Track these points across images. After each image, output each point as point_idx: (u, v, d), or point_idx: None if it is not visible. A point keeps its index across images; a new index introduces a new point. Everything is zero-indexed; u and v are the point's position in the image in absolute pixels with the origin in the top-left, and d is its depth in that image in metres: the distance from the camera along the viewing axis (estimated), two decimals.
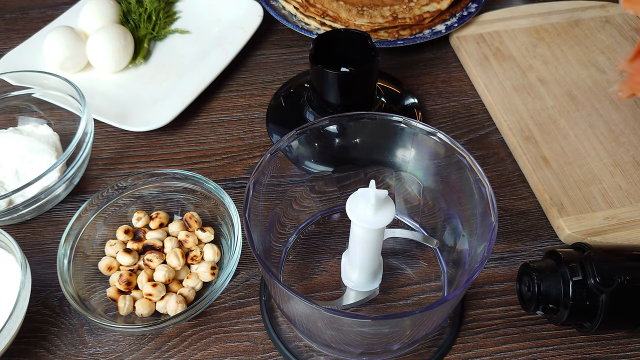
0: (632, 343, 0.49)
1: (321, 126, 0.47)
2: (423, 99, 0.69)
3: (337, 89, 0.59)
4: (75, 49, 0.69)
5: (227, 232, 0.54)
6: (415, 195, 0.52)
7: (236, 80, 0.72)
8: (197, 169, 0.62)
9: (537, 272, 0.46)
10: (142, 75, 0.71)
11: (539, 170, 0.59)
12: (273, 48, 0.76)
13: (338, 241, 0.55)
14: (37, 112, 0.64)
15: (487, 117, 0.66)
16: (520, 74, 0.68)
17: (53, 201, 0.58)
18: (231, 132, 0.66)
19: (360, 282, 0.47)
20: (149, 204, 0.57)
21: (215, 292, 0.48)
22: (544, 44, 0.72)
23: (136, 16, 0.75)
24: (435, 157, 0.47)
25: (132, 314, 0.50)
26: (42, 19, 0.80)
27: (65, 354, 0.49)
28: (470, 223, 0.45)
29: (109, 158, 0.64)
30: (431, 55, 0.74)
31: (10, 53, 0.71)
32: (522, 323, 0.50)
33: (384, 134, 0.48)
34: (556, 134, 0.62)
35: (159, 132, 0.65)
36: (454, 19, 0.74)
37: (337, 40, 0.60)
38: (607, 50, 0.71)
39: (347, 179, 0.54)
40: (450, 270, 0.50)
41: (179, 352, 0.49)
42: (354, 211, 0.40)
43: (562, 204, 0.56)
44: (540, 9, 0.76)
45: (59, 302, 0.52)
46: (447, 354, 0.49)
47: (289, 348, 0.48)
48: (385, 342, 0.43)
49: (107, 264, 0.52)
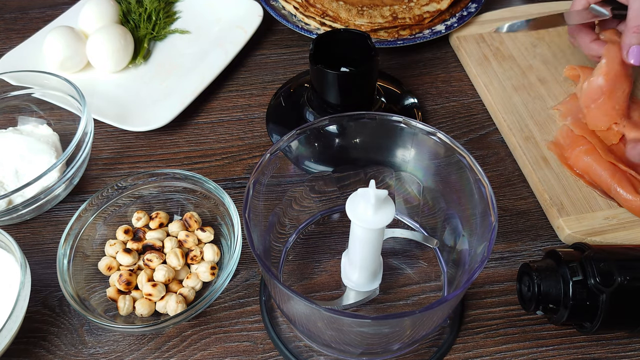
0: (632, 343, 0.49)
1: (321, 126, 0.47)
2: (423, 99, 0.69)
3: (337, 89, 0.59)
4: (75, 49, 0.69)
5: (227, 232, 0.54)
6: (415, 195, 0.52)
7: (236, 80, 0.72)
8: (197, 169, 0.62)
9: (537, 272, 0.46)
10: (142, 75, 0.71)
11: (539, 170, 0.59)
12: (273, 48, 0.76)
13: (338, 241, 0.55)
14: (37, 112, 0.64)
15: (487, 117, 0.66)
16: (520, 74, 0.68)
17: (53, 201, 0.58)
18: (231, 132, 0.66)
19: (360, 282, 0.47)
20: (149, 204, 0.57)
21: (215, 292, 0.48)
22: (544, 44, 0.72)
23: (136, 16, 0.75)
24: (435, 157, 0.47)
25: (132, 314, 0.50)
26: (42, 19, 0.80)
27: (65, 354, 0.49)
28: (470, 223, 0.45)
29: (108, 158, 0.64)
30: (431, 55, 0.74)
31: (10, 53, 0.71)
32: (522, 323, 0.50)
33: (384, 134, 0.48)
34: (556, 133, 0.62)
35: (159, 132, 0.65)
36: (454, 19, 0.74)
37: (337, 40, 0.60)
38: None
39: (347, 179, 0.54)
40: (450, 270, 0.50)
41: (179, 352, 0.49)
42: (354, 211, 0.40)
43: (562, 204, 0.56)
44: (540, 9, 0.76)
45: (58, 302, 0.52)
46: (447, 354, 0.49)
47: (289, 348, 0.48)
48: (385, 342, 0.43)
49: (107, 264, 0.52)
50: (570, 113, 0.62)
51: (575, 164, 0.58)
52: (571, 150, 0.59)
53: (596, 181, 0.57)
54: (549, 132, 0.62)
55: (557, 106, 0.63)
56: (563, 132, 0.61)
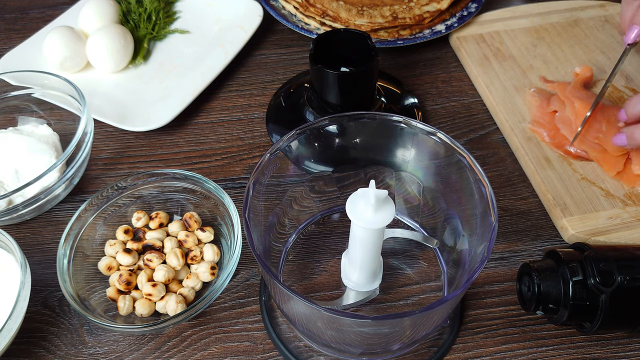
0: (632, 343, 0.49)
1: (321, 126, 0.47)
2: (423, 99, 0.69)
3: (337, 89, 0.59)
4: (75, 49, 0.69)
5: (227, 232, 0.54)
6: (415, 195, 0.52)
7: (236, 80, 0.72)
8: (197, 169, 0.62)
9: (537, 272, 0.46)
10: (142, 75, 0.71)
11: (542, 170, 0.58)
12: (273, 48, 0.76)
13: (338, 241, 0.55)
14: (37, 112, 0.64)
15: (487, 117, 0.66)
16: (520, 74, 0.68)
17: (53, 201, 0.58)
18: (231, 132, 0.66)
19: (360, 282, 0.47)
20: (149, 204, 0.57)
21: (215, 292, 0.48)
22: (544, 43, 0.72)
23: (136, 16, 0.75)
24: (435, 157, 0.47)
25: (132, 314, 0.50)
26: (42, 19, 0.80)
27: (65, 354, 0.49)
28: (470, 223, 0.45)
29: (108, 158, 0.64)
30: (431, 55, 0.74)
31: (10, 53, 0.71)
32: (522, 323, 0.50)
33: (384, 134, 0.48)
34: None
35: (158, 132, 0.65)
36: (454, 19, 0.74)
37: (337, 40, 0.60)
38: (607, 50, 0.71)
39: (347, 179, 0.54)
40: (450, 270, 0.50)
41: (179, 352, 0.49)
42: (354, 211, 0.40)
43: (565, 204, 0.56)
44: (540, 9, 0.76)
45: (58, 302, 0.52)
46: (447, 354, 0.49)
47: (289, 348, 0.48)
48: (385, 342, 0.43)
49: (107, 264, 0.52)
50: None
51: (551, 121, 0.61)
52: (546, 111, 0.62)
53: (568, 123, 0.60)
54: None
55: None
56: (533, 106, 0.64)
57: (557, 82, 0.66)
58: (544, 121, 0.62)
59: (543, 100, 0.64)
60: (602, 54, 0.70)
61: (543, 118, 0.62)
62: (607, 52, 0.70)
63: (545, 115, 0.62)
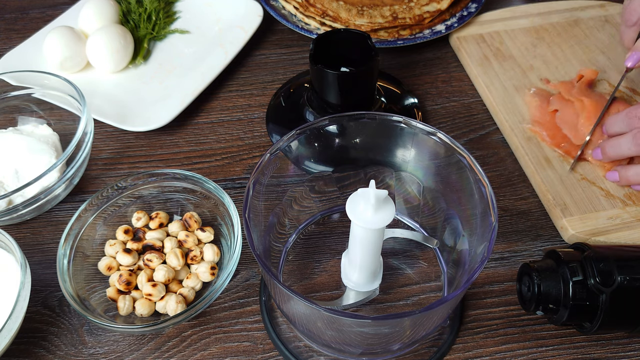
0: (632, 343, 0.49)
1: (321, 126, 0.47)
2: (423, 99, 0.69)
3: (337, 89, 0.59)
4: (75, 49, 0.69)
5: (227, 232, 0.54)
6: (415, 195, 0.52)
7: (236, 80, 0.72)
8: (197, 169, 0.62)
9: (537, 272, 0.46)
10: (142, 75, 0.71)
11: (542, 170, 0.58)
12: (273, 48, 0.76)
13: (338, 241, 0.55)
14: (37, 112, 0.64)
15: (487, 117, 0.66)
16: (521, 74, 0.68)
17: (53, 201, 0.58)
18: (231, 132, 0.66)
19: (360, 282, 0.47)
20: (149, 204, 0.57)
21: (215, 292, 0.48)
22: (544, 43, 0.72)
23: (136, 16, 0.75)
24: (435, 157, 0.47)
25: (132, 314, 0.50)
26: (42, 19, 0.80)
27: (65, 354, 0.49)
28: (470, 223, 0.45)
29: (108, 158, 0.64)
30: (431, 55, 0.74)
31: (10, 53, 0.71)
32: (522, 323, 0.50)
33: (384, 134, 0.48)
34: None
35: (158, 132, 0.65)
36: (454, 19, 0.74)
37: (337, 40, 0.60)
38: (607, 50, 0.71)
39: (347, 179, 0.54)
40: (450, 270, 0.50)
41: (179, 352, 0.49)
42: (354, 211, 0.40)
43: (565, 204, 0.56)
44: (540, 9, 0.76)
45: (58, 302, 0.52)
46: (447, 354, 0.49)
47: (289, 348, 0.48)
48: (385, 342, 0.43)
49: (107, 264, 0.52)
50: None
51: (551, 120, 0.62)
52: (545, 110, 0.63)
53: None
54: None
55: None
56: (532, 106, 0.64)
57: (560, 82, 0.66)
58: (544, 121, 0.62)
59: (543, 100, 0.64)
60: (602, 54, 0.70)
61: (543, 118, 0.62)
62: (607, 52, 0.70)
63: (545, 115, 0.62)
